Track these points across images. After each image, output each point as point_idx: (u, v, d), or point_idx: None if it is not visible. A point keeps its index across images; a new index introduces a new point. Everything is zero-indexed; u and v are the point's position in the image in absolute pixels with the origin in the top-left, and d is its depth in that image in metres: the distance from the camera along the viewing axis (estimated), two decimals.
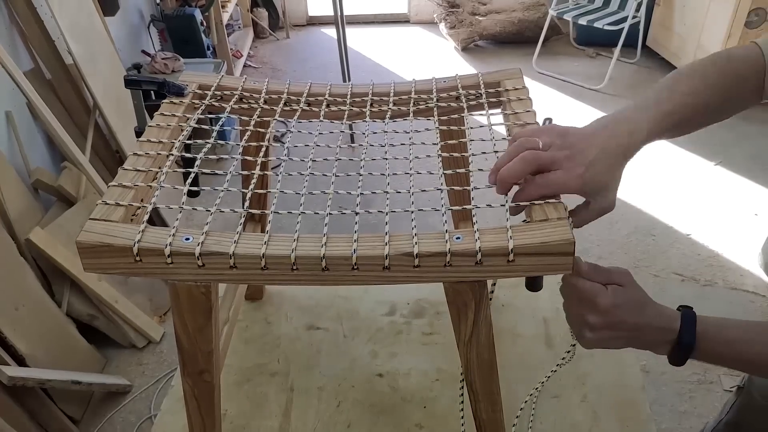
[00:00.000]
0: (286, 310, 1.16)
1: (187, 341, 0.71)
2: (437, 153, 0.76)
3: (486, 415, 0.78)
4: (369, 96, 0.88)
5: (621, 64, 4.14)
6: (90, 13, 2.48)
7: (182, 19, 3.32)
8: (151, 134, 0.77)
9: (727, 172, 3.05)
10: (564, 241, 0.58)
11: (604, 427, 0.91)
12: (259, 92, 0.88)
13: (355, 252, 0.59)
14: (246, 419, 0.95)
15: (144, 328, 2.13)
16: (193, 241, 0.60)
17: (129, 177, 0.69)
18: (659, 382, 1.95)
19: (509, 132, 0.78)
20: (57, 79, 2.34)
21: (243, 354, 1.07)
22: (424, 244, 0.60)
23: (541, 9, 4.52)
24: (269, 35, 5.08)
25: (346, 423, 0.94)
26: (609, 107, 3.73)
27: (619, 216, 2.73)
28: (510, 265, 0.59)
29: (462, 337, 0.70)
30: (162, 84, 0.83)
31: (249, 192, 0.68)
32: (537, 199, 0.63)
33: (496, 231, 0.60)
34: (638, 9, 3.93)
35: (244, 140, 0.80)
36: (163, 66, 2.90)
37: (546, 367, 1.01)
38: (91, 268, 0.62)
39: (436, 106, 0.85)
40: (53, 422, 1.78)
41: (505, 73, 0.88)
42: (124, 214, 0.64)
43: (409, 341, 1.08)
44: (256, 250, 0.60)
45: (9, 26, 2.16)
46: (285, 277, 0.61)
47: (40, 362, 1.77)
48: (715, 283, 2.34)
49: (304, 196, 0.69)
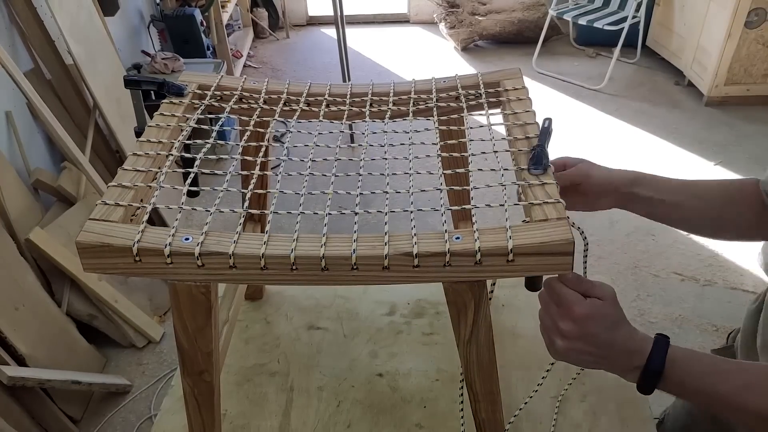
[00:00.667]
0: (286, 310, 1.16)
1: (187, 341, 0.71)
2: (437, 153, 0.76)
3: (486, 415, 0.78)
4: (369, 96, 0.88)
5: (621, 64, 4.14)
6: (90, 13, 2.48)
7: (182, 19, 3.32)
8: (150, 134, 0.77)
9: (727, 172, 3.05)
10: (563, 241, 0.58)
11: (604, 427, 0.91)
12: (259, 92, 0.88)
13: (355, 252, 0.59)
14: (246, 419, 0.95)
15: (144, 327, 2.13)
16: (193, 241, 0.60)
17: (128, 177, 0.69)
18: None
19: (508, 132, 0.77)
20: (57, 79, 2.34)
21: (243, 354, 1.07)
22: (423, 244, 0.60)
23: (541, 9, 4.52)
24: (269, 35, 5.08)
25: (346, 423, 0.94)
26: (609, 107, 3.73)
27: (619, 216, 2.73)
28: (509, 265, 0.59)
29: (462, 337, 0.70)
30: (162, 84, 0.83)
31: (249, 192, 0.68)
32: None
33: (496, 231, 0.60)
34: (638, 9, 3.94)
35: (244, 140, 0.80)
36: (163, 66, 2.91)
37: (546, 366, 1.01)
38: (90, 269, 0.62)
39: (436, 106, 0.85)
40: (53, 422, 1.79)
41: (505, 73, 0.88)
42: (123, 215, 0.64)
43: (409, 341, 1.08)
44: (255, 250, 0.60)
45: (9, 26, 2.16)
46: (284, 277, 0.61)
47: (40, 362, 1.77)
48: (715, 283, 2.34)
49: (303, 196, 0.69)
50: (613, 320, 0.64)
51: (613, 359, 0.65)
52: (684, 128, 3.46)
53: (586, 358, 0.65)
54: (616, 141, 3.37)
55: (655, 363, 0.63)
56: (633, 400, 0.95)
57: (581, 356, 0.65)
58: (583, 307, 0.63)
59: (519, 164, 0.71)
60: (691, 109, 3.66)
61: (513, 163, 0.73)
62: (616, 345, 0.64)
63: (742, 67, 3.45)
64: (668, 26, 4.03)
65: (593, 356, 0.65)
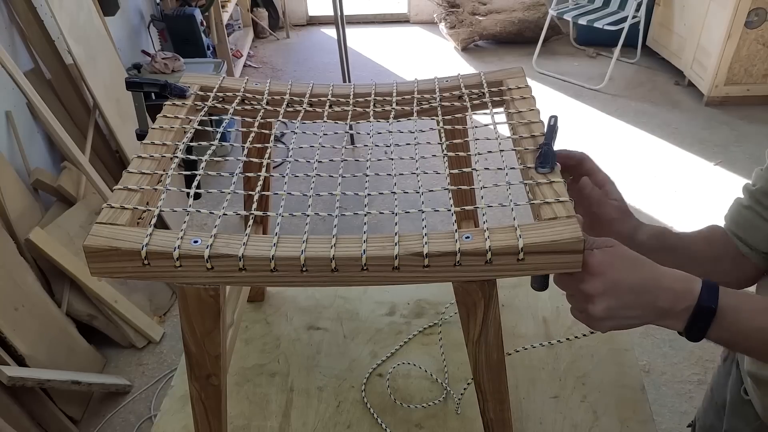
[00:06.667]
0: (286, 311, 1.16)
1: (195, 345, 0.71)
2: (442, 152, 0.76)
3: (494, 415, 0.78)
4: (372, 96, 0.88)
5: (621, 64, 4.14)
6: (90, 13, 2.48)
7: (182, 19, 3.32)
8: (154, 137, 0.76)
9: (727, 172, 3.05)
10: (574, 239, 0.58)
11: (604, 427, 0.91)
12: (262, 93, 0.88)
13: (365, 253, 0.59)
14: (246, 419, 0.95)
15: (144, 328, 2.13)
16: (202, 243, 0.60)
17: (134, 180, 0.69)
18: (659, 382, 1.95)
19: (513, 130, 0.77)
20: (57, 79, 2.34)
21: (243, 354, 1.07)
22: (434, 243, 0.59)
23: (541, 9, 4.52)
24: (269, 35, 5.08)
25: (346, 423, 0.94)
26: (609, 107, 3.73)
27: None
28: (520, 263, 0.59)
29: (471, 337, 0.70)
30: (164, 86, 0.83)
31: (256, 194, 0.68)
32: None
33: (505, 230, 0.60)
34: (638, 9, 3.94)
35: (249, 141, 0.80)
36: (163, 66, 2.90)
37: (546, 367, 1.01)
38: (98, 273, 0.61)
39: (440, 106, 0.85)
40: (53, 422, 1.79)
41: (508, 72, 0.88)
42: (130, 218, 0.64)
43: (409, 341, 1.08)
44: (265, 252, 0.60)
45: (9, 26, 2.16)
46: (294, 279, 0.61)
47: (39, 362, 1.77)
48: None
49: (311, 197, 0.68)
50: (632, 260, 0.60)
51: (654, 303, 0.59)
52: (684, 128, 3.46)
53: (627, 313, 0.59)
54: (616, 141, 3.37)
55: (709, 300, 0.58)
56: (633, 400, 0.95)
57: (621, 312, 0.59)
58: (595, 257, 0.59)
59: (525, 163, 0.71)
60: (691, 109, 3.66)
61: (518, 161, 0.73)
62: (650, 286, 0.59)
63: (742, 67, 3.45)
64: (668, 26, 4.03)
65: (632, 308, 0.59)
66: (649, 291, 0.59)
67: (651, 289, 0.59)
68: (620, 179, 3.44)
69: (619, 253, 0.60)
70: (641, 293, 0.59)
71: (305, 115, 0.86)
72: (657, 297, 0.59)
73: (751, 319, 0.59)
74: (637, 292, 0.59)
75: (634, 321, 0.60)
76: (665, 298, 0.59)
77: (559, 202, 0.63)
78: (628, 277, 0.59)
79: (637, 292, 0.59)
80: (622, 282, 0.59)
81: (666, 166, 3.09)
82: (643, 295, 0.59)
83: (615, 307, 0.59)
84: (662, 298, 0.59)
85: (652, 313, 0.60)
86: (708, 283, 0.59)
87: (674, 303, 0.59)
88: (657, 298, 0.59)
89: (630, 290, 0.59)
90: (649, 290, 0.59)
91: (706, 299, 0.58)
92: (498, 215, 0.66)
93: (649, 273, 0.60)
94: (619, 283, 0.59)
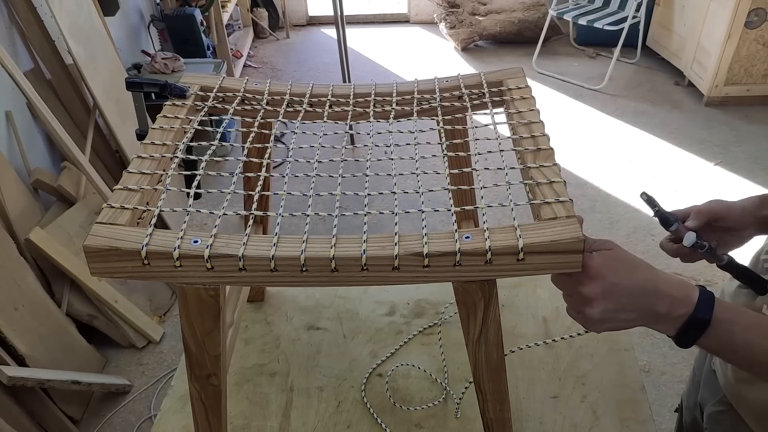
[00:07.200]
0: (286, 311, 1.16)
1: (195, 345, 0.71)
2: (442, 152, 0.76)
3: (494, 415, 0.78)
4: (372, 96, 0.88)
5: (621, 64, 4.15)
6: (90, 13, 2.48)
7: (182, 19, 3.32)
8: (154, 137, 0.76)
9: (727, 172, 3.05)
10: (574, 239, 0.58)
11: (604, 427, 0.91)
12: (262, 93, 0.88)
13: (365, 253, 0.59)
14: (246, 419, 0.96)
15: (144, 328, 2.13)
16: (202, 243, 0.60)
17: (134, 180, 0.69)
18: (659, 382, 1.95)
19: (513, 131, 0.77)
20: (57, 79, 2.34)
21: (243, 354, 1.07)
22: (433, 243, 0.59)
23: (541, 9, 4.52)
24: (269, 35, 5.08)
25: (346, 423, 0.94)
26: (609, 107, 3.73)
27: (619, 216, 2.73)
28: (520, 263, 0.59)
29: (471, 337, 0.70)
30: (164, 86, 0.83)
31: (256, 194, 0.68)
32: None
33: (506, 230, 0.60)
34: (638, 9, 3.94)
35: (249, 141, 0.80)
36: (163, 66, 2.90)
37: (546, 366, 1.01)
38: (98, 273, 0.62)
39: (440, 106, 0.85)
40: (53, 422, 1.79)
41: (508, 72, 0.88)
42: (130, 218, 0.64)
43: (409, 341, 1.08)
44: (265, 252, 0.60)
45: (9, 26, 2.16)
46: (294, 279, 0.61)
47: (40, 362, 1.77)
48: (715, 283, 2.34)
49: (311, 197, 0.69)
50: (629, 264, 0.60)
51: (651, 308, 0.59)
52: (684, 128, 3.46)
53: (624, 316, 0.60)
54: (616, 141, 3.37)
55: (704, 311, 0.59)
56: (633, 400, 0.95)
57: (617, 314, 0.60)
58: (594, 260, 0.59)
59: (525, 163, 0.71)
60: (691, 109, 3.66)
61: (518, 161, 0.73)
62: (649, 290, 0.59)
63: (742, 67, 3.45)
64: (668, 26, 4.03)
65: (629, 311, 0.60)
66: (647, 295, 0.60)
67: (649, 293, 0.60)
68: (620, 179, 3.41)
69: (617, 256, 0.60)
70: (639, 297, 0.59)
71: (305, 115, 0.86)
72: (655, 301, 0.60)
73: (741, 333, 0.60)
74: (635, 296, 0.59)
75: (629, 323, 0.61)
76: (663, 303, 0.60)
77: (559, 202, 0.63)
78: (627, 281, 0.59)
79: (635, 296, 0.59)
80: (621, 285, 0.59)
81: (666, 166, 3.09)
82: (640, 299, 0.60)
83: (612, 310, 0.60)
84: (660, 303, 0.60)
85: (648, 317, 0.61)
86: (704, 293, 0.60)
87: (671, 309, 0.60)
88: (655, 303, 0.60)
89: (628, 293, 0.59)
90: (647, 294, 0.60)
91: (701, 310, 0.59)
92: (498, 215, 0.66)
93: (647, 277, 0.60)
94: (617, 286, 0.59)
